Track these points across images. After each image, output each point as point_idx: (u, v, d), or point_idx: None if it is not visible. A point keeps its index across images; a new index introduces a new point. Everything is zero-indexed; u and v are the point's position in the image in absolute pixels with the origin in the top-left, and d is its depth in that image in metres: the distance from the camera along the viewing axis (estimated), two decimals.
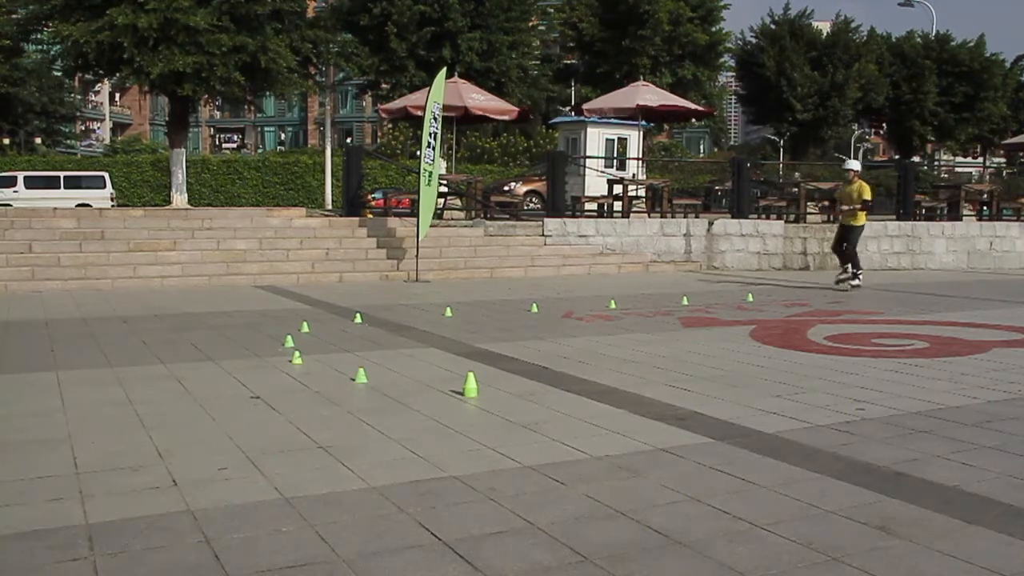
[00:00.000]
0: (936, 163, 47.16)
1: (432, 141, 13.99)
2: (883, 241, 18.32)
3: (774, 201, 19.84)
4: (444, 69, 16.08)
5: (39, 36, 27.63)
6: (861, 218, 13.12)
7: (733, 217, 17.74)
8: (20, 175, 28.17)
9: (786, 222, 18.22)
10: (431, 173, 14.03)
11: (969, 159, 50.32)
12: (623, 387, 5.98)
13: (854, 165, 13.56)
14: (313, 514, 3.51)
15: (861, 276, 13.11)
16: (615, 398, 5.65)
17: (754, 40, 41.35)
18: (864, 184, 13.12)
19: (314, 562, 3.06)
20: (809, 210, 19.23)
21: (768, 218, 18.54)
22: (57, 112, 44.28)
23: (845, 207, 13.26)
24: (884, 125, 45.97)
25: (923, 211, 20.31)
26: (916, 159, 40.33)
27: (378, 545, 3.21)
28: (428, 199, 14.04)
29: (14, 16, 29.50)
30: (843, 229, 13.34)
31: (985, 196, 21.73)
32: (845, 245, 13.18)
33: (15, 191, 27.14)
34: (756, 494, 3.80)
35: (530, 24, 36.79)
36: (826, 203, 17.87)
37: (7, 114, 38.05)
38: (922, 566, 3.08)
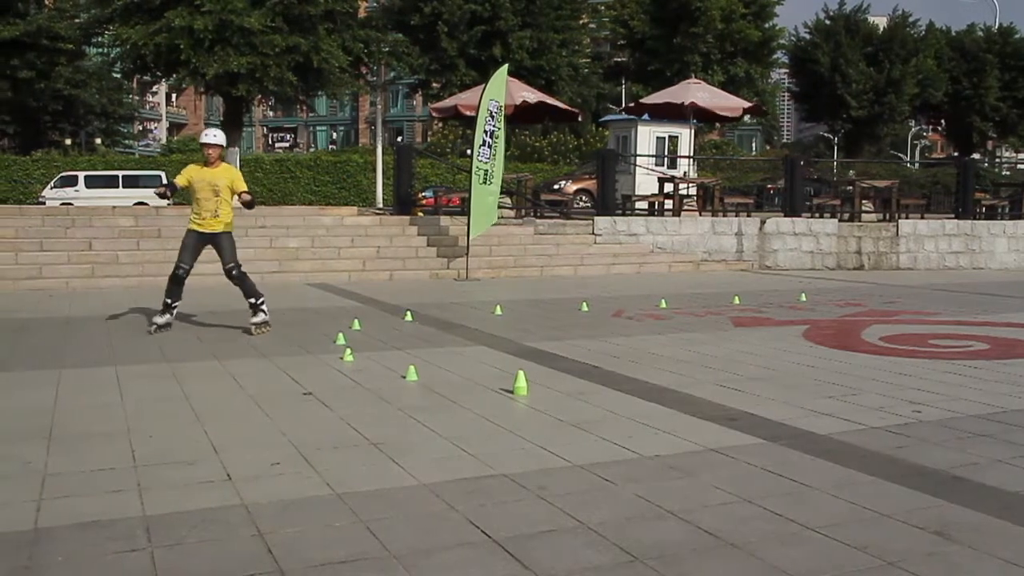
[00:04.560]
0: (997, 160, 46.02)
1: (488, 139, 13.91)
2: (941, 240, 17.93)
3: (828, 200, 19.53)
4: (505, 66, 15.99)
5: (100, 40, 28.32)
6: (226, 215, 8.23)
7: (786, 216, 17.50)
8: (81, 175, 28.88)
9: (840, 221, 17.92)
10: (487, 171, 13.95)
11: None
12: (674, 387, 5.94)
13: (212, 137, 8.27)
14: (365, 510, 3.54)
15: (265, 308, 8.31)
16: (666, 398, 5.61)
17: (808, 36, 40.77)
18: (234, 170, 8.52)
19: (365, 558, 3.09)
20: (864, 209, 18.88)
21: (821, 217, 18.25)
22: (116, 113, 45.32)
23: (206, 210, 8.18)
24: (942, 122, 45.03)
25: (983, 210, 19.83)
26: (976, 156, 39.39)
27: (429, 542, 3.23)
28: (481, 198, 13.96)
29: (77, 20, 30.29)
30: (197, 239, 8.28)
31: None
32: (230, 268, 8.34)
33: (76, 190, 27.83)
34: (809, 496, 3.75)
35: (580, 22, 36.69)
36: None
37: (69, 115, 39.03)
38: (982, 573, 3.01)
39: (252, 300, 8.29)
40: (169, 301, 8.32)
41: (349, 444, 4.54)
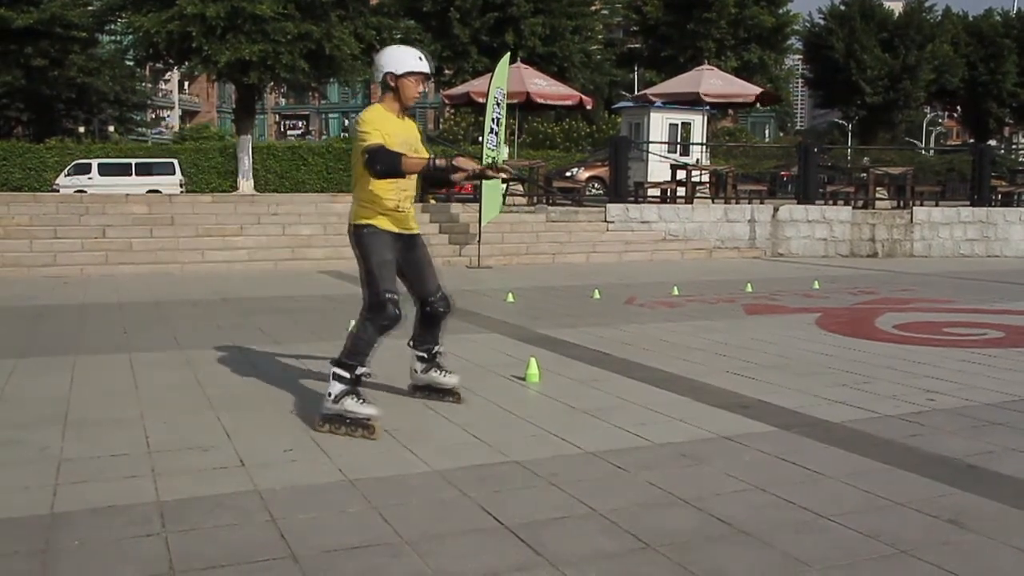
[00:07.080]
0: (1014, 147, 45.62)
1: (495, 127, 13.96)
2: (956, 228, 17.80)
3: (841, 187, 19.42)
4: (508, 55, 16.01)
5: (113, 27, 28.36)
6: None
7: (799, 203, 17.41)
8: (94, 162, 28.96)
9: (854, 208, 17.82)
10: (494, 159, 13.98)
11: None
12: (686, 374, 5.93)
13: (429, 63, 5.00)
14: (377, 496, 3.55)
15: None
16: (678, 385, 5.60)
17: (823, 22, 40.47)
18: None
19: (378, 543, 3.10)
20: (878, 196, 18.73)
21: (835, 204, 18.16)
22: (129, 101, 45.33)
23: (407, 194, 5.13)
24: (958, 108, 44.66)
25: (999, 196, 19.67)
26: (992, 143, 39.07)
27: (441, 528, 3.24)
28: (492, 185, 13.96)
29: (90, 8, 30.35)
30: (394, 245, 4.95)
31: None
32: (442, 294, 5.21)
33: (90, 178, 27.92)
34: (822, 484, 3.74)
35: (593, 8, 36.52)
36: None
37: (83, 103, 39.09)
38: (998, 562, 3.00)
39: (439, 348, 5.27)
40: (361, 372, 4.64)
41: None
